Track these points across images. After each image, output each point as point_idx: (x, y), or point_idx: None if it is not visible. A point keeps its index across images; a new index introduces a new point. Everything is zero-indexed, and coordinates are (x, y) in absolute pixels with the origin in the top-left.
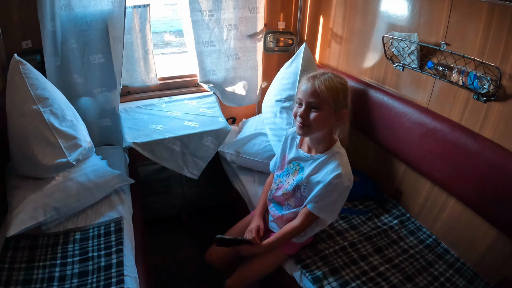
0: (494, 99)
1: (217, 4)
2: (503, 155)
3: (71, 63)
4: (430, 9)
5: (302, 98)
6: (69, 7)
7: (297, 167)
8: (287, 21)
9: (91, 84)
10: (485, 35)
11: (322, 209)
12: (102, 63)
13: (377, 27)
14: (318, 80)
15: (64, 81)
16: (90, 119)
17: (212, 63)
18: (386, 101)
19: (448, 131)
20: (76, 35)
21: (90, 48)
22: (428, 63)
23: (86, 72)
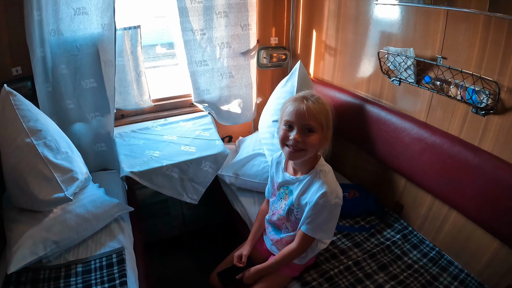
0: (493, 113)
1: (208, 23)
2: (503, 168)
3: (63, 89)
4: (425, 22)
5: (293, 121)
6: (58, 32)
7: (286, 191)
8: (279, 36)
9: (84, 110)
10: (482, 48)
11: (315, 230)
12: (94, 87)
13: (370, 39)
14: (310, 101)
15: (57, 108)
16: (85, 144)
17: (206, 83)
18: (384, 116)
19: (447, 145)
20: (66, 60)
21: (81, 73)
22: (426, 78)
23: (78, 98)
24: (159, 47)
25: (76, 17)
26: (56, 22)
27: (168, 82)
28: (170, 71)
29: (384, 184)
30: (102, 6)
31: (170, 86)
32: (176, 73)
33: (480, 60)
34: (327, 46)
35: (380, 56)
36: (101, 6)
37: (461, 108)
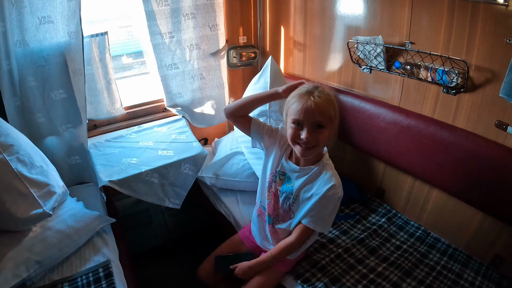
0: (463, 91)
1: (176, 25)
2: (477, 142)
3: (32, 102)
4: (391, 10)
5: (301, 119)
6: (24, 43)
7: (282, 177)
8: (247, 34)
9: (55, 122)
10: (448, 30)
11: (318, 222)
12: (64, 98)
13: (338, 31)
14: (315, 95)
15: (27, 122)
16: (59, 158)
17: (177, 86)
18: (357, 104)
19: (422, 126)
20: (33, 71)
21: (50, 84)
22: (396, 63)
23: (48, 110)
24: (125, 57)
25: (42, 26)
26: (21, 32)
27: (138, 92)
28: (139, 80)
29: (364, 170)
30: (68, 14)
31: (140, 95)
32: (145, 82)
33: (447, 42)
34: (296, 42)
35: (349, 46)
36: (66, 14)
37: (433, 89)
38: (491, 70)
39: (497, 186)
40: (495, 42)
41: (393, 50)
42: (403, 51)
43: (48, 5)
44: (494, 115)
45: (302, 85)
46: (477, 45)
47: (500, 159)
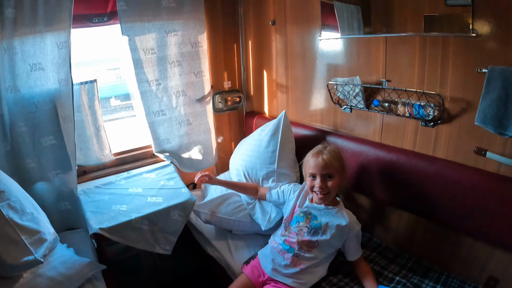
0: (440, 123)
1: (163, 73)
2: (458, 170)
3: (22, 148)
4: (367, 50)
5: (315, 172)
6: (15, 89)
7: (309, 216)
8: (232, 79)
9: (45, 168)
10: (421, 66)
11: (358, 250)
12: (54, 144)
13: (319, 72)
14: (324, 154)
15: (17, 167)
16: (48, 204)
17: (165, 132)
18: (341, 143)
19: (404, 160)
20: (24, 117)
21: (40, 130)
22: (374, 102)
23: (38, 156)
24: (113, 100)
25: (33, 73)
26: (12, 78)
27: (127, 135)
28: (128, 123)
29: (350, 206)
30: (58, 62)
31: (129, 138)
32: (133, 124)
33: (422, 77)
34: (278, 84)
35: (329, 87)
36: (57, 61)
37: (411, 124)
38: (466, 100)
39: (482, 210)
40: (467, 72)
41: (371, 89)
42: (380, 90)
43: (39, 52)
44: (472, 142)
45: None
46: (450, 77)
47: (482, 184)
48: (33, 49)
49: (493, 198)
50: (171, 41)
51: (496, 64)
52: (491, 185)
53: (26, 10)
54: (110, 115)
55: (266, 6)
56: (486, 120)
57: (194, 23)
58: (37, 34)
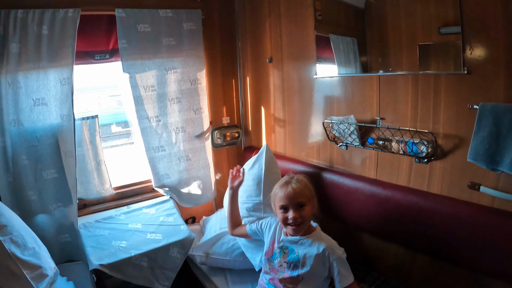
0: (434, 159)
1: (162, 110)
2: (453, 205)
3: (24, 180)
4: (361, 89)
5: (286, 203)
6: (18, 122)
7: (285, 250)
8: (230, 115)
9: (46, 201)
10: (414, 103)
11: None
12: (55, 178)
13: (315, 109)
14: (292, 183)
15: (18, 199)
16: (49, 235)
17: (164, 167)
18: (337, 180)
19: (399, 196)
20: (27, 150)
21: (42, 163)
22: (369, 140)
23: (40, 189)
24: (114, 126)
25: (36, 108)
26: (16, 112)
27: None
28: (128, 149)
29: (348, 241)
30: (61, 97)
31: (129, 167)
32: (133, 151)
33: (415, 114)
34: (276, 119)
35: (325, 126)
36: (59, 97)
37: (406, 160)
38: (458, 136)
39: (477, 243)
40: (459, 108)
41: (365, 127)
42: (374, 128)
43: (42, 88)
44: (466, 177)
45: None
46: (442, 113)
47: (477, 217)
48: (37, 84)
49: (487, 231)
50: (171, 79)
51: (487, 100)
52: (486, 219)
53: (30, 45)
54: (111, 141)
55: (263, 43)
56: (478, 157)
57: (194, 60)
58: (41, 70)
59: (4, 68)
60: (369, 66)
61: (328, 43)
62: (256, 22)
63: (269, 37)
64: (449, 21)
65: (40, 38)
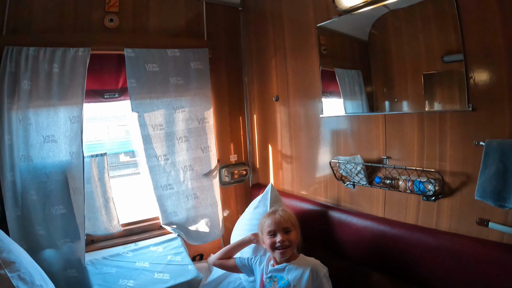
0: (442, 197)
1: (170, 148)
2: (462, 242)
3: (33, 215)
4: (367, 128)
5: (275, 229)
6: (28, 158)
7: (274, 279)
8: (238, 153)
9: (54, 236)
10: (420, 142)
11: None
12: (63, 214)
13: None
14: (279, 212)
15: (26, 233)
16: (56, 270)
17: (172, 205)
18: (345, 218)
19: (407, 235)
20: (36, 186)
21: (51, 199)
22: (376, 179)
23: (48, 224)
24: (122, 156)
25: (46, 144)
26: (26, 148)
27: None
28: (135, 179)
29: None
30: (71, 135)
31: (136, 197)
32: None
33: (421, 152)
34: (283, 155)
35: (332, 165)
36: (69, 134)
37: (413, 199)
38: (465, 173)
39: (486, 280)
40: (465, 146)
41: (372, 167)
42: (381, 167)
43: (52, 125)
44: (474, 214)
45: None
46: (448, 151)
47: (486, 253)
48: (47, 121)
49: (497, 267)
50: (179, 117)
51: (493, 137)
52: (495, 254)
53: (41, 83)
54: (119, 170)
55: (270, 82)
56: (486, 194)
57: (201, 99)
58: (51, 107)
59: (15, 104)
60: (374, 97)
61: (334, 77)
62: (262, 61)
63: (275, 75)
64: (452, 49)
65: (51, 76)
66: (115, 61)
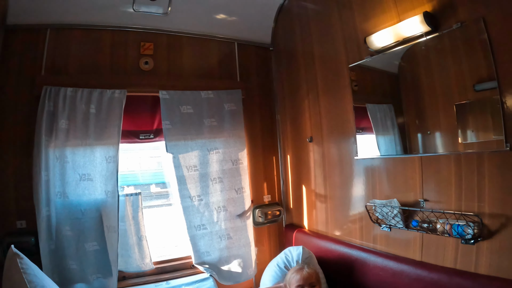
0: (481, 239)
1: (205, 189)
2: (502, 285)
3: (66, 249)
4: (403, 170)
5: (303, 283)
6: (64, 195)
7: None
8: (271, 193)
9: (86, 271)
10: (458, 184)
11: None
12: (97, 250)
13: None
14: (306, 269)
15: (59, 266)
16: None
17: (205, 245)
18: (380, 262)
19: (446, 280)
20: (70, 222)
21: (84, 236)
22: (413, 223)
23: (81, 259)
24: (153, 186)
25: (82, 182)
26: (62, 185)
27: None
28: (166, 210)
29: None
30: (106, 174)
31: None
32: (172, 213)
33: (459, 194)
34: (317, 194)
35: (368, 208)
36: (105, 174)
37: (451, 242)
38: (505, 215)
39: None
40: (504, 187)
41: (409, 211)
42: (418, 211)
43: (89, 164)
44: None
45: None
46: (487, 192)
47: None
48: (83, 160)
49: None
50: (213, 159)
51: None
52: None
53: (78, 123)
54: (150, 201)
55: (303, 123)
56: None
57: (235, 140)
58: (88, 147)
59: (52, 142)
60: (407, 131)
61: (365, 113)
62: (294, 100)
63: (309, 116)
64: (483, 77)
65: (88, 116)
66: (150, 103)
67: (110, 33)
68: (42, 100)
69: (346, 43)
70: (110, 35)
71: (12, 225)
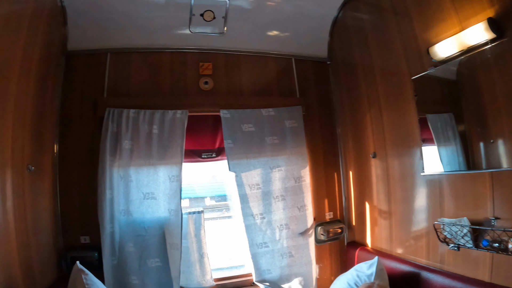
0: None
1: (267, 207)
2: None
3: (128, 265)
4: (472, 186)
5: None
6: (128, 213)
7: None
8: (333, 210)
9: (148, 286)
10: None
11: None
12: (159, 267)
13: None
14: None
15: (121, 281)
16: None
17: (267, 263)
18: (448, 283)
19: None
20: (133, 239)
21: (147, 252)
22: (483, 242)
23: (143, 275)
24: (208, 199)
25: (145, 201)
26: (126, 203)
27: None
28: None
29: None
30: (170, 193)
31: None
32: (227, 226)
33: None
34: (380, 211)
35: (435, 227)
36: (168, 192)
37: None
38: None
39: None
40: None
41: (479, 230)
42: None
43: (152, 183)
44: None
45: None
46: None
47: None
48: (147, 179)
49: None
50: (275, 177)
51: None
52: None
53: (141, 143)
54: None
55: (365, 138)
56: None
57: (297, 158)
58: (151, 166)
59: (116, 162)
60: (468, 141)
61: (425, 124)
62: (355, 114)
63: (371, 131)
64: None
65: (151, 136)
66: (212, 122)
67: (169, 54)
68: (106, 121)
69: (407, 54)
70: (169, 56)
71: (76, 240)
